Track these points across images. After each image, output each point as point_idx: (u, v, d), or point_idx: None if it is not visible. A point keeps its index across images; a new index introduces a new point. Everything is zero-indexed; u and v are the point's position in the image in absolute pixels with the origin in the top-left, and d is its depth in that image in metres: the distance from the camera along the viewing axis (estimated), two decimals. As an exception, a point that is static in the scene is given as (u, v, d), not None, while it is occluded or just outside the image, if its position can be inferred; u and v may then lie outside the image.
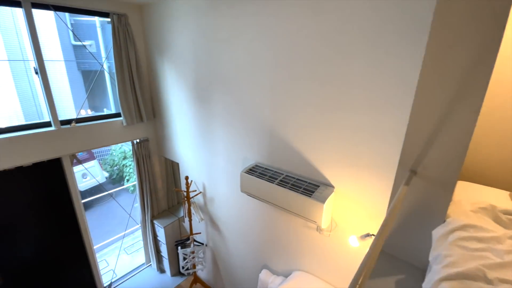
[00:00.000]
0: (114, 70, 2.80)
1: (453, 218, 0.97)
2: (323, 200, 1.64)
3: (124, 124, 2.98)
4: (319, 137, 1.77)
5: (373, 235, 1.56)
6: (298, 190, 1.78)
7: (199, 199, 3.13)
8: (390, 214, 0.61)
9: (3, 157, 2.26)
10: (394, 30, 1.30)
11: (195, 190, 3.05)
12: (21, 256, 2.66)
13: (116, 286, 3.57)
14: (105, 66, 3.05)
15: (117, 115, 3.08)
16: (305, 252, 2.14)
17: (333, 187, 1.79)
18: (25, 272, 2.71)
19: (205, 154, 2.79)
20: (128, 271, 3.83)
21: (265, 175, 2.01)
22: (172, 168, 3.73)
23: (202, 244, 3.26)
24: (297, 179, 1.92)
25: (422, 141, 0.90)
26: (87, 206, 5.68)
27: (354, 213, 1.74)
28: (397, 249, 1.08)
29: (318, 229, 1.96)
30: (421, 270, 1.06)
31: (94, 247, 3.20)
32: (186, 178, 2.90)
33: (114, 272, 3.74)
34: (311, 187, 1.80)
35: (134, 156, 3.25)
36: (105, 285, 3.41)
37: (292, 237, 2.20)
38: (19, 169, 2.47)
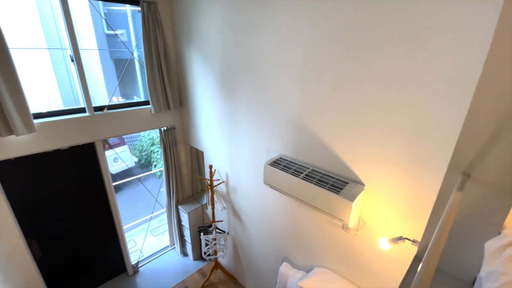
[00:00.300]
0: (143, 59, 2.85)
1: (511, 230, 0.85)
2: (352, 198, 1.55)
3: (153, 112, 3.06)
4: (350, 132, 1.66)
5: (407, 239, 1.45)
6: (325, 186, 1.70)
7: (222, 188, 3.16)
8: (444, 224, 0.52)
9: (43, 140, 2.42)
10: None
11: (219, 179, 3.08)
12: (59, 232, 2.90)
13: (142, 265, 3.78)
14: (135, 54, 3.12)
15: (146, 102, 3.16)
16: (328, 249, 2.08)
17: (363, 184, 1.68)
18: (62, 247, 2.96)
19: (229, 143, 2.78)
20: (154, 252, 4.04)
21: (290, 169, 1.94)
22: (197, 156, 3.79)
23: (224, 232, 3.32)
24: (324, 174, 1.83)
25: (480, 141, 0.78)
26: (118, 188, 6.04)
27: (384, 213, 1.63)
28: (440, 260, 0.97)
29: (344, 227, 1.87)
30: (466, 284, 0.95)
31: (124, 227, 3.40)
32: (210, 167, 2.93)
33: (141, 251, 3.96)
34: (339, 184, 1.71)
35: (161, 143, 3.35)
36: (132, 263, 3.63)
37: (315, 232, 2.13)
38: (57, 152, 2.64)
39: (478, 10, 1.04)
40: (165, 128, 3.33)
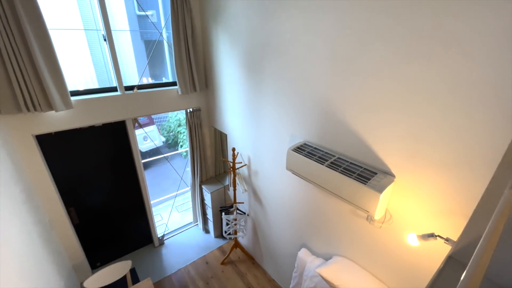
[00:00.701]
0: (171, 40, 2.86)
1: None
2: (380, 190, 1.46)
3: (179, 93, 3.10)
4: (384, 119, 1.54)
5: (439, 236, 1.35)
6: (352, 175, 1.62)
7: (244, 171, 3.18)
8: (495, 227, 0.45)
9: (79, 116, 2.58)
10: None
11: (241, 162, 3.10)
12: (93, 203, 3.15)
13: (167, 238, 4.03)
14: (164, 35, 3.14)
15: (174, 84, 3.21)
16: (349, 239, 2.02)
17: (393, 176, 1.57)
18: (96, 216, 3.23)
19: (252, 127, 2.75)
20: (178, 227, 4.28)
21: (314, 155, 1.87)
22: (221, 138, 3.84)
23: (244, 213, 3.38)
24: (351, 163, 1.74)
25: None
26: (146, 166, 6.39)
27: (414, 208, 1.52)
28: (488, 268, 0.88)
29: (369, 218, 1.80)
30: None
31: (151, 202, 3.61)
32: (233, 149, 2.95)
33: (166, 226, 4.20)
34: (366, 174, 1.61)
35: (187, 124, 3.42)
36: (159, 235, 3.88)
37: (336, 221, 2.08)
38: (92, 128, 2.81)
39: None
40: (191, 109, 3.38)
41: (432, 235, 1.36)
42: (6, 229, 1.59)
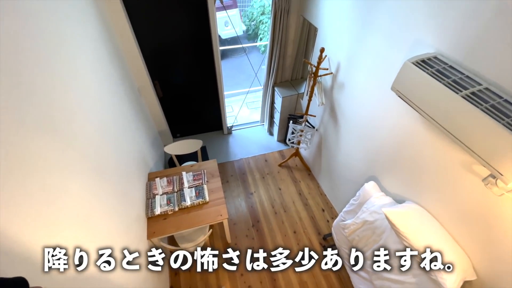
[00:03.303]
0: None
1: None
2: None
3: (271, -40, 2.39)
4: None
5: None
6: (502, 120, 1.06)
7: (326, 80, 2.69)
8: None
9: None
10: None
11: (327, 69, 2.57)
12: (175, 79, 3.30)
13: (235, 130, 4.26)
14: None
15: None
16: (441, 194, 1.63)
17: None
18: (177, 93, 3.45)
19: (356, 21, 2.05)
20: (245, 122, 4.42)
21: (447, 77, 1.28)
22: (308, 35, 3.18)
23: (313, 127, 3.13)
24: (506, 100, 1.13)
25: None
26: (223, 55, 6.24)
27: None
28: None
29: (489, 180, 1.31)
30: None
31: (224, 93, 3.62)
32: (322, 50, 2.38)
33: (235, 118, 4.37)
34: (532, 123, 1.03)
35: (272, 7, 2.82)
36: (228, 125, 4.11)
37: (433, 169, 1.64)
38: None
39: None
40: (280, -12, 2.69)
41: None
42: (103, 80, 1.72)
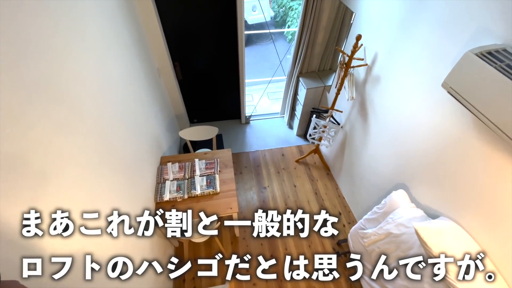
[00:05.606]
0: None
1: None
2: None
3: None
4: None
5: None
6: None
7: (359, 73, 2.43)
8: None
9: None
10: None
11: (362, 59, 2.30)
12: (196, 63, 3.17)
13: (253, 120, 4.09)
14: None
15: None
16: (487, 213, 1.38)
17: None
18: (197, 76, 3.32)
19: (403, 6, 1.78)
20: (265, 112, 4.23)
21: (522, 73, 1.02)
22: (342, 21, 2.90)
23: (338, 124, 2.88)
24: None
25: None
26: (247, 41, 6.02)
27: None
28: None
29: None
30: None
31: (246, 80, 3.44)
32: (358, 37, 2.11)
33: (255, 107, 4.20)
34: None
35: (306, -11, 2.57)
36: (246, 114, 3.95)
37: (481, 180, 1.39)
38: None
39: None
40: (317, -34, 2.43)
41: None
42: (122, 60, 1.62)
